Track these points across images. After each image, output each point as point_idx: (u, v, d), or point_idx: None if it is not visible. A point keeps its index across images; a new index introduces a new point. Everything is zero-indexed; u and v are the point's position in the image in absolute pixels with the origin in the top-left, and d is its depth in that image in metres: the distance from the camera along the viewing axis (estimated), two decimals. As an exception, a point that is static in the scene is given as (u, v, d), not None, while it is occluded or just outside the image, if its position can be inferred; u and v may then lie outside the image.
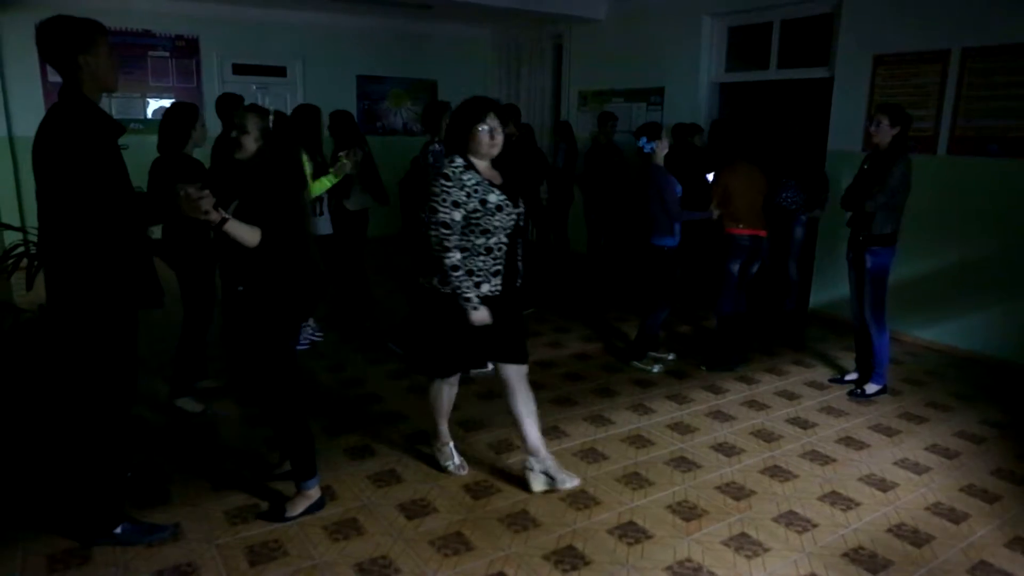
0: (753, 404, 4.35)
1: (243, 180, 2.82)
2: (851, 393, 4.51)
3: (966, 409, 4.32)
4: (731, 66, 7.23)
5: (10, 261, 4.16)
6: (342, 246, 5.35)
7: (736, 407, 4.29)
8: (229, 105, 4.70)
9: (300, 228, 2.91)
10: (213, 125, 4.25)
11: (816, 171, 5.94)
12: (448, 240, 2.88)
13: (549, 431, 3.86)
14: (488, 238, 2.94)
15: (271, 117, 2.84)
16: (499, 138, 2.94)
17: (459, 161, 2.93)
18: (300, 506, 2.96)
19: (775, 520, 3.06)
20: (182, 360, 3.95)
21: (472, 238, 2.93)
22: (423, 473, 3.39)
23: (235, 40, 8.59)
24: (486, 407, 4.18)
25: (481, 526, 2.95)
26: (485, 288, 2.98)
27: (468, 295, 2.91)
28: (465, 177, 2.89)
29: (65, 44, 2.44)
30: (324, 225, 5.09)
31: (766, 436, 3.90)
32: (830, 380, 4.74)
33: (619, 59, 8.09)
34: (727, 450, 3.72)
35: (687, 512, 3.10)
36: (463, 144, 2.95)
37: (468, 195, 2.87)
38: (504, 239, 2.99)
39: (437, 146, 4.67)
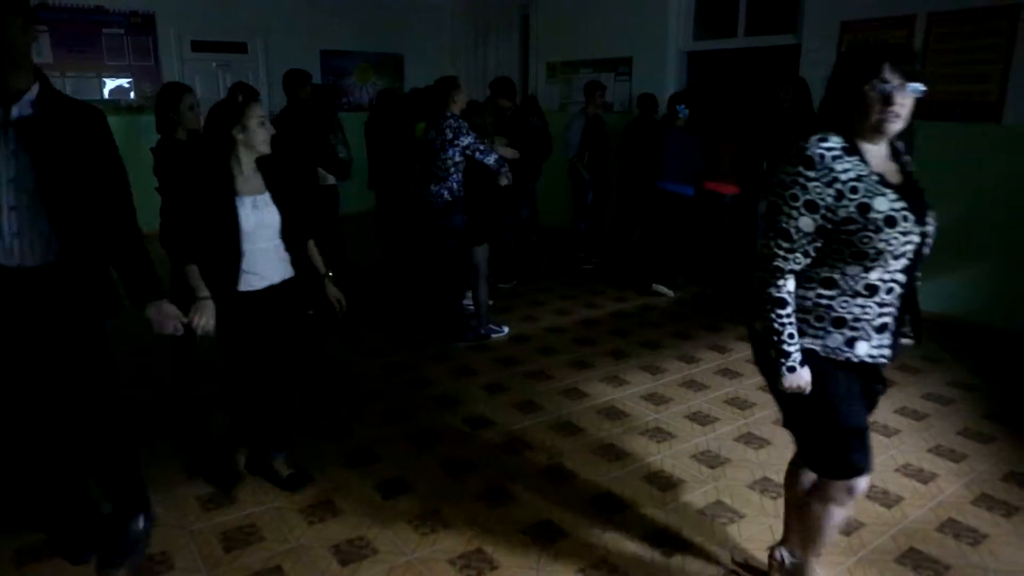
0: (727, 373, 4.38)
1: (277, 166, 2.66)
2: None
3: (932, 371, 4.40)
4: (699, 34, 7.20)
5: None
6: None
7: (710, 376, 4.33)
8: (296, 81, 5.15)
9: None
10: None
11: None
12: (784, 260, 1.91)
13: (524, 405, 3.87)
14: (871, 268, 1.89)
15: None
16: (904, 108, 1.82)
17: (834, 141, 1.85)
18: None
19: (749, 487, 3.09)
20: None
21: (840, 265, 1.91)
22: (400, 453, 3.37)
23: (193, 15, 8.33)
24: (461, 383, 4.17)
25: (458, 504, 2.94)
26: (863, 349, 1.95)
27: (787, 348, 1.93)
28: (839, 166, 1.83)
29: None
30: None
31: (740, 404, 3.94)
32: None
33: (586, 29, 8.01)
34: (701, 419, 3.75)
35: (663, 482, 3.13)
36: (842, 115, 1.87)
37: (839, 195, 1.83)
38: (899, 272, 1.91)
39: (453, 121, 4.56)
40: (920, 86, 1.79)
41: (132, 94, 8.16)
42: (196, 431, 3.56)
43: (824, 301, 1.94)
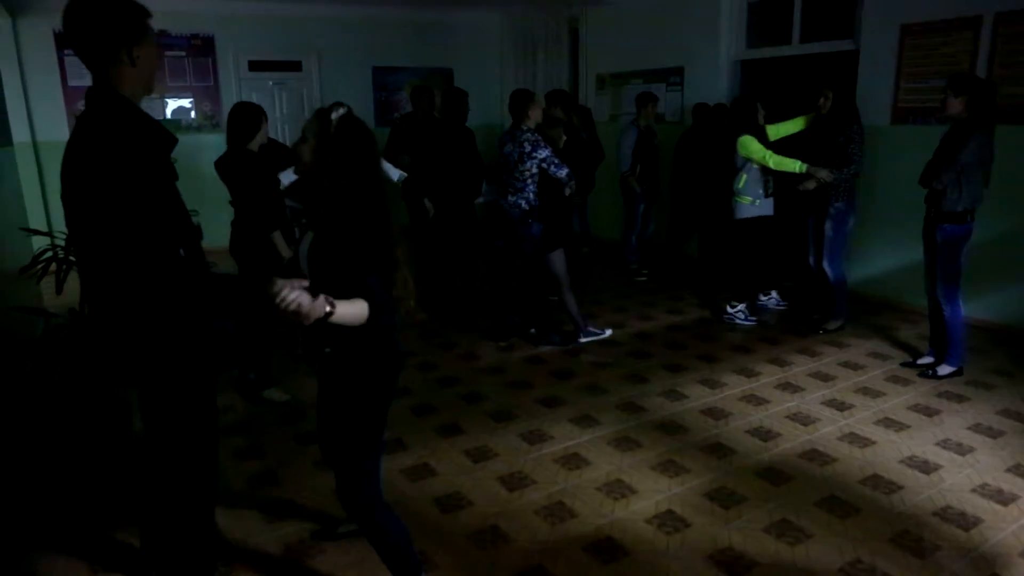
0: (787, 387, 4.27)
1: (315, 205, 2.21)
2: (923, 375, 4.37)
3: (1008, 386, 4.21)
4: (752, 42, 7.09)
5: (39, 266, 4.18)
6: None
7: (770, 390, 4.22)
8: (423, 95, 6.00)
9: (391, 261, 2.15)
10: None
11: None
12: None
13: (581, 420, 3.83)
14: None
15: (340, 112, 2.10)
16: None
17: None
18: None
19: (816, 505, 3.00)
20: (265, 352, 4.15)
21: None
22: (455, 467, 3.37)
23: (250, 37, 8.58)
24: (516, 396, 4.16)
25: (517, 518, 2.92)
26: None
27: None
28: None
29: (111, 33, 1.84)
30: None
31: (802, 419, 3.83)
32: (902, 364, 4.56)
33: (637, 40, 7.96)
34: (763, 434, 3.65)
35: (726, 498, 3.05)
36: None
37: None
38: None
39: (531, 135, 4.72)
40: None
41: (193, 114, 8.42)
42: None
43: None
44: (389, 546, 2.26)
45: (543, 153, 4.70)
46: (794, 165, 4.89)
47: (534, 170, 4.73)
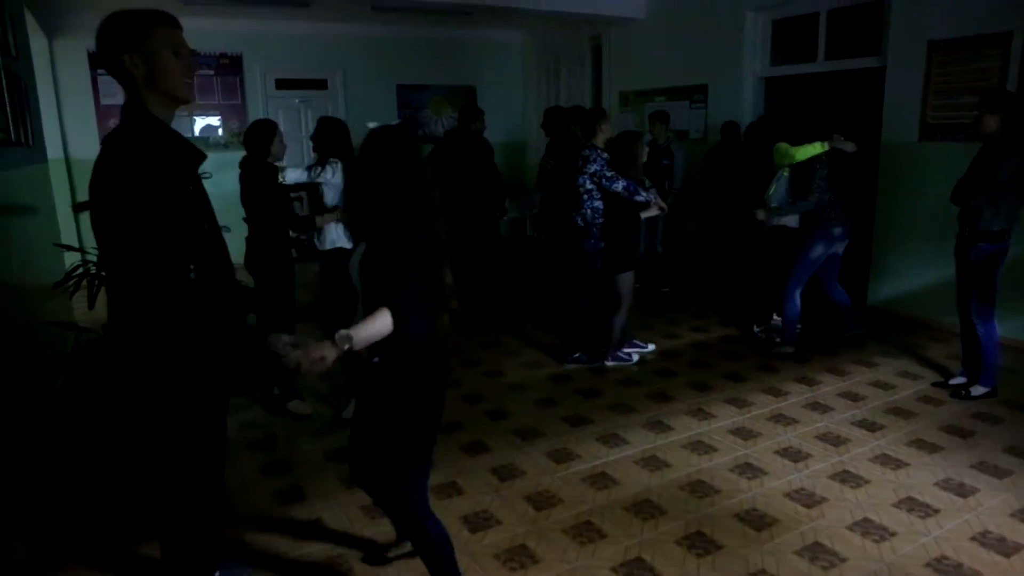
0: (816, 407, 4.21)
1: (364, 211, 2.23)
2: (955, 395, 4.29)
3: (1045, 407, 4.13)
4: (776, 60, 7.07)
5: (71, 281, 4.25)
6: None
7: (799, 410, 4.17)
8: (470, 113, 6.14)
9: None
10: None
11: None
12: None
13: (608, 438, 3.81)
14: None
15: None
16: None
17: None
18: None
19: (849, 528, 2.95)
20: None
21: None
22: (483, 486, 3.35)
23: (277, 55, 8.71)
24: (542, 415, 4.14)
25: (546, 538, 2.90)
26: None
27: None
28: None
29: (108, 40, 1.87)
30: None
31: (833, 440, 3.77)
32: (934, 384, 4.48)
33: (660, 58, 7.98)
34: (793, 455, 3.61)
35: (757, 521, 3.01)
36: None
37: None
38: None
39: (588, 151, 4.69)
40: None
41: (220, 131, 8.54)
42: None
43: None
44: (439, 556, 2.26)
45: (592, 167, 4.61)
46: (816, 147, 4.81)
47: (588, 185, 4.65)
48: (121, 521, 3.01)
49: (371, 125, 2.17)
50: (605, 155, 4.67)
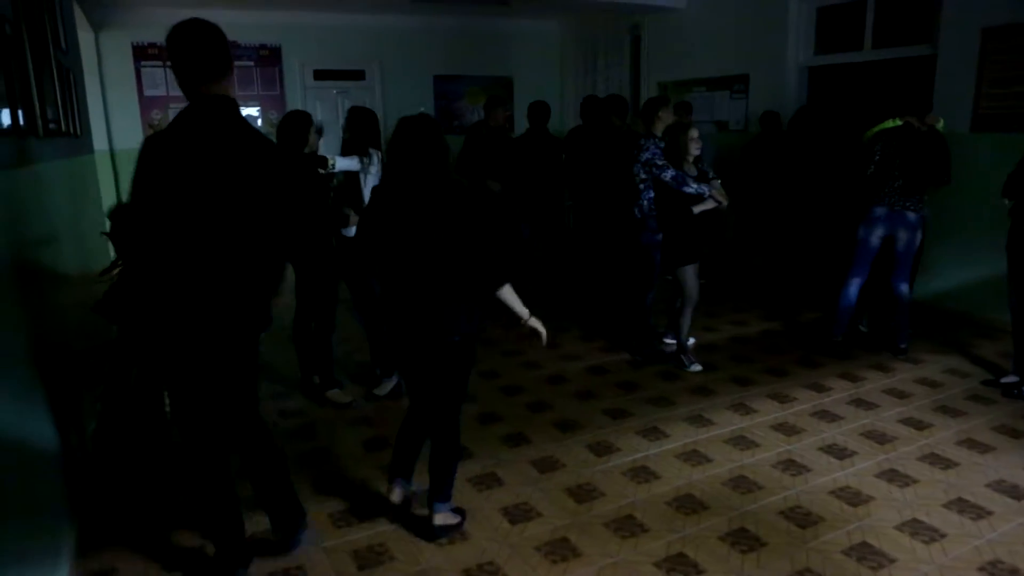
0: (860, 403, 4.13)
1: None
2: (1007, 394, 4.16)
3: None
4: (821, 49, 6.91)
5: (116, 271, 4.32)
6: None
7: (843, 406, 4.09)
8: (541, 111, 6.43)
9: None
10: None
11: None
12: None
13: (648, 432, 3.77)
14: None
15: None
16: None
17: None
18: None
19: (898, 528, 2.88)
20: (323, 354, 4.22)
21: None
22: (522, 478, 3.35)
23: (315, 46, 8.76)
24: (582, 408, 4.12)
25: (587, 531, 2.88)
26: None
27: None
28: None
29: (228, 52, 2.27)
30: None
31: (878, 438, 3.69)
32: (983, 382, 4.37)
33: (700, 47, 7.86)
34: (837, 452, 3.54)
35: (801, 518, 2.96)
36: None
37: None
38: None
39: (643, 140, 4.70)
40: None
41: (259, 122, 8.63)
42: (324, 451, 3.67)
43: None
44: (455, 465, 2.85)
45: (645, 155, 4.56)
46: (886, 124, 4.79)
47: (642, 175, 4.62)
48: (161, 508, 3.07)
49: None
50: (661, 144, 4.59)
